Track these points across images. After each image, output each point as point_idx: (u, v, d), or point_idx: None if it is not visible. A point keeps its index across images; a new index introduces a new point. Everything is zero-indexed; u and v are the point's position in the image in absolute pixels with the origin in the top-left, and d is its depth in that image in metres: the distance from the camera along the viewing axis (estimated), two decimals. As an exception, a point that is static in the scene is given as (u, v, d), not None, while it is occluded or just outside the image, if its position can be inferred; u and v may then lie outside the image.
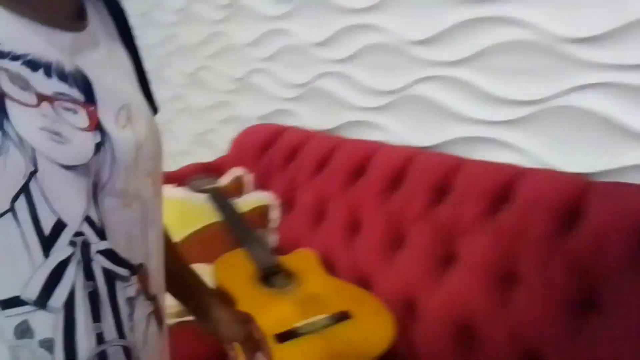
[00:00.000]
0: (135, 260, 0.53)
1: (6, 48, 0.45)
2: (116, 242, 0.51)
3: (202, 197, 1.52)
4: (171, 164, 1.89)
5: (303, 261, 1.31)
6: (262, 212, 1.50)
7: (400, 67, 1.34)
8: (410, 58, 1.31)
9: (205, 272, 1.24)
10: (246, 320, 0.79)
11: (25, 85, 0.45)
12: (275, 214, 1.51)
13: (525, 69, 1.08)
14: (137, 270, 0.53)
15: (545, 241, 0.94)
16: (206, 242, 1.40)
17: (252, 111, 1.91)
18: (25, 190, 0.44)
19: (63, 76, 0.48)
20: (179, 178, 1.63)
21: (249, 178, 1.64)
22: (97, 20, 0.58)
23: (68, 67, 0.49)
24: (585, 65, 0.99)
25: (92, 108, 0.50)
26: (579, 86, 1.01)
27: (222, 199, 1.51)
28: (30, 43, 0.47)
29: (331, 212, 1.36)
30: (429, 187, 1.16)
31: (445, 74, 1.24)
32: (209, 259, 1.31)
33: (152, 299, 0.56)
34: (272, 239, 1.50)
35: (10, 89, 0.44)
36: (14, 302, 0.45)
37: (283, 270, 1.26)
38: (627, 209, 0.87)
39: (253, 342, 0.77)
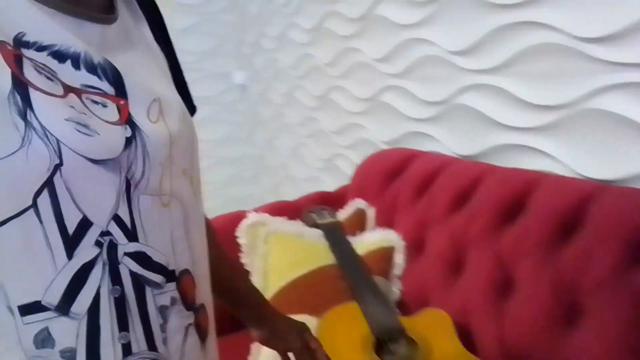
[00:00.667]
0: (177, 265, 0.50)
1: (32, 38, 0.43)
2: (153, 244, 0.48)
3: (317, 233, 1.31)
4: (295, 192, 1.75)
5: (432, 325, 1.01)
6: (384, 255, 1.23)
7: (574, 72, 1.00)
8: (583, 58, 0.97)
9: (309, 325, 1.01)
10: (302, 329, 0.76)
11: (51, 76, 0.43)
12: (400, 259, 1.23)
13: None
14: (178, 277, 0.50)
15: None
16: (315, 289, 1.17)
17: (381, 134, 1.68)
18: (49, 184, 0.41)
19: (92, 68, 0.46)
20: (294, 209, 1.45)
21: (371, 212, 1.38)
22: (128, 14, 0.56)
23: (97, 58, 0.47)
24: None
25: (122, 102, 0.48)
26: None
27: (338, 236, 1.28)
28: (57, 34, 0.45)
29: (473, 261, 1.05)
30: (619, 237, 0.81)
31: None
32: (315, 309, 1.08)
33: (195, 309, 0.52)
34: (395, 290, 1.22)
35: (35, 78, 0.42)
36: (34, 307, 0.42)
37: (405, 337, 0.98)
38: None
39: (309, 352, 0.74)
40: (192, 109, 0.65)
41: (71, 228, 0.43)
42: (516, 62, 1.11)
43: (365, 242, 1.26)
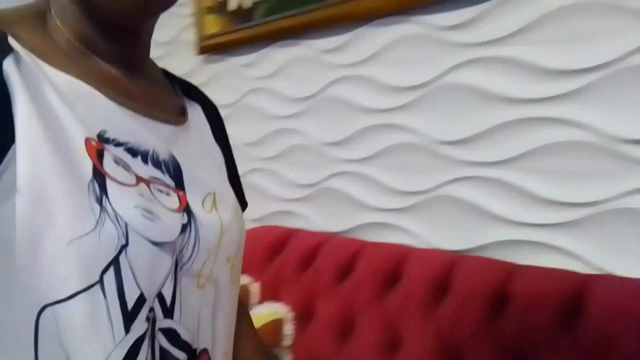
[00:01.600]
0: (198, 344, 0.53)
1: (112, 135, 0.50)
2: (183, 322, 0.51)
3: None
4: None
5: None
6: (275, 327, 1.31)
7: (428, 167, 1.28)
8: (439, 158, 1.27)
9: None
10: None
11: (127, 167, 0.49)
12: (289, 329, 1.32)
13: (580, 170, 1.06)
14: (198, 355, 0.53)
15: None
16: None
17: (249, 213, 1.78)
18: (115, 262, 0.45)
19: (157, 163, 0.53)
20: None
21: (255, 287, 1.46)
22: (196, 118, 0.64)
23: (163, 155, 0.54)
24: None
25: (181, 193, 0.54)
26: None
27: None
28: (132, 132, 0.52)
29: (362, 325, 1.21)
30: (482, 294, 1.05)
31: (479, 174, 1.20)
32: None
33: None
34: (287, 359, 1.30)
35: (112, 169, 0.48)
36: None
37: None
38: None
39: None
40: (243, 203, 0.71)
41: (130, 303, 0.46)
42: (379, 155, 1.38)
43: (257, 316, 1.32)
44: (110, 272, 0.45)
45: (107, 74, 0.54)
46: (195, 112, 0.66)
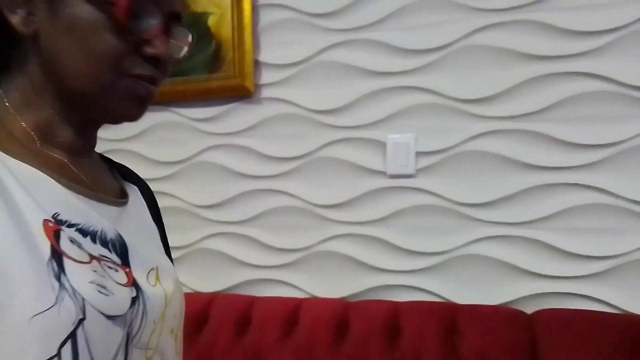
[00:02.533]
0: None
1: (64, 217, 0.54)
2: None
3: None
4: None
5: None
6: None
7: (310, 226, 1.49)
8: (317, 217, 1.49)
9: None
10: None
11: (80, 246, 0.53)
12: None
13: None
14: None
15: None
16: None
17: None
18: (72, 336, 0.48)
19: (105, 242, 0.57)
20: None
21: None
22: (134, 199, 0.70)
23: (110, 234, 0.59)
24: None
25: (127, 269, 0.58)
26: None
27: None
28: (82, 214, 0.56)
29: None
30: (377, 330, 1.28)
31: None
32: None
33: None
34: None
35: (68, 248, 0.51)
36: None
37: None
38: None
39: None
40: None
41: None
42: (259, 217, 1.53)
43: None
44: (68, 346, 0.48)
45: (58, 161, 0.58)
46: (134, 194, 0.69)
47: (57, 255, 0.49)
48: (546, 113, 1.30)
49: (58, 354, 0.47)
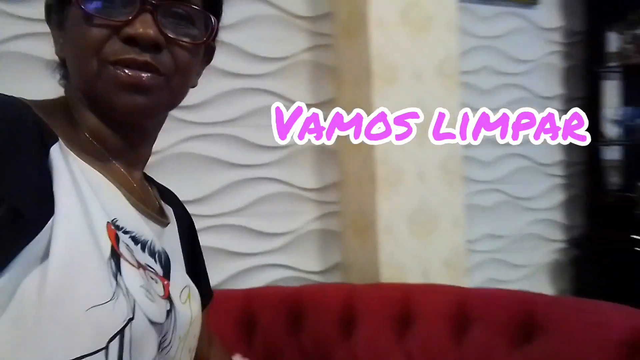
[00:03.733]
0: None
1: (121, 224, 0.57)
2: None
3: None
4: None
5: None
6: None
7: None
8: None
9: None
10: None
11: (132, 253, 0.56)
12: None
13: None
14: None
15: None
16: None
17: None
18: (121, 333, 0.50)
19: (153, 253, 0.61)
20: None
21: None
22: (170, 220, 0.71)
23: (157, 247, 0.62)
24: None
25: (166, 282, 0.61)
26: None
27: None
28: (135, 224, 0.60)
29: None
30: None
31: None
32: None
33: None
34: None
35: (125, 252, 0.55)
36: None
37: None
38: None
39: None
40: (209, 295, 0.79)
41: None
42: None
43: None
44: (116, 341, 0.50)
45: (119, 171, 0.61)
46: (169, 215, 0.71)
47: (116, 255, 0.52)
48: (240, 120, 1.59)
49: (106, 348, 0.49)
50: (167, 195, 0.75)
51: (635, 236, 2.01)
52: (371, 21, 1.47)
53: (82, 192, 0.53)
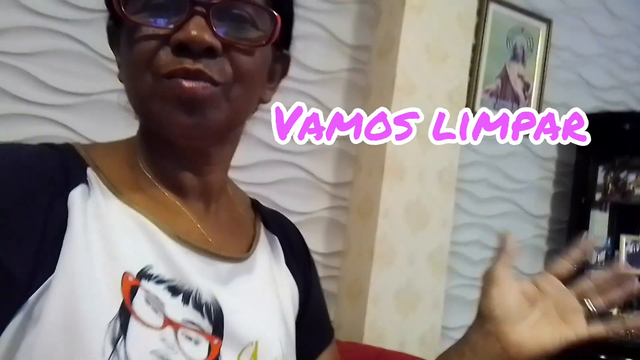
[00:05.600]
0: None
1: (156, 272, 0.48)
2: None
3: None
4: None
5: None
6: None
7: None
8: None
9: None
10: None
11: (158, 308, 0.47)
12: None
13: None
14: None
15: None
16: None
17: None
18: None
19: (199, 305, 0.50)
20: None
21: None
22: (264, 253, 0.61)
23: (206, 296, 0.51)
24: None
25: (216, 340, 0.51)
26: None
27: None
28: (179, 270, 0.50)
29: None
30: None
31: None
32: None
33: None
34: None
35: (141, 308, 0.46)
36: None
37: None
38: None
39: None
40: (331, 332, 0.70)
41: None
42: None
43: None
44: None
45: (172, 206, 0.54)
46: (264, 247, 0.62)
47: (125, 314, 0.45)
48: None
49: None
50: (275, 222, 0.67)
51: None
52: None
53: (98, 242, 0.47)
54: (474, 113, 2.25)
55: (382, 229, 1.78)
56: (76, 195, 0.48)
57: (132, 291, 0.46)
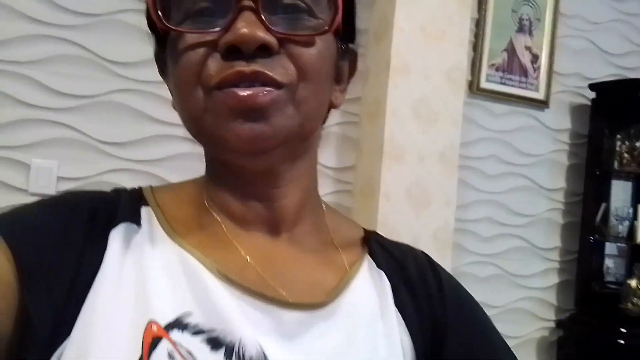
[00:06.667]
0: None
1: (194, 320, 0.41)
2: None
3: None
4: None
5: None
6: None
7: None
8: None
9: None
10: None
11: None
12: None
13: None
14: None
15: None
16: None
17: None
18: None
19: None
20: None
21: None
22: (359, 295, 0.49)
23: (251, 350, 0.42)
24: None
25: None
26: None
27: None
28: (224, 318, 0.42)
29: None
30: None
31: None
32: None
33: None
34: None
35: None
36: None
37: None
38: None
39: None
40: None
41: None
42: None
43: None
44: None
45: (228, 241, 0.46)
46: (366, 288, 0.50)
47: None
48: (162, 162, 1.77)
49: None
50: (388, 255, 0.53)
51: (622, 329, 2.18)
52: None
53: (131, 286, 0.42)
54: (479, 89, 2.24)
55: (384, 211, 1.81)
56: (117, 235, 0.44)
57: (153, 344, 0.40)
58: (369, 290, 0.50)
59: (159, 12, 0.43)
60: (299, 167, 0.48)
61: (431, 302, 0.51)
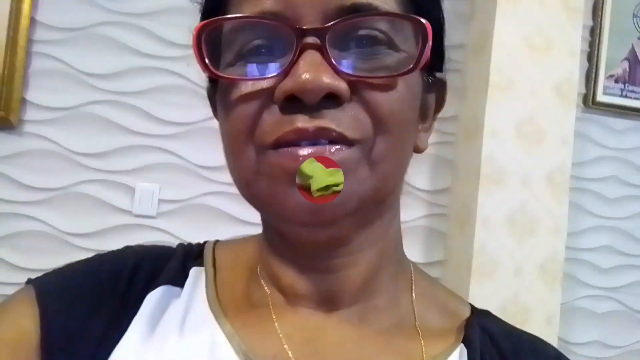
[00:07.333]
0: None
1: None
2: None
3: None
4: None
5: None
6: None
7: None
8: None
9: None
10: None
11: None
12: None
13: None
14: None
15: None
16: None
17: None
18: None
19: None
20: None
21: None
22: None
23: None
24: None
25: None
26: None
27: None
28: None
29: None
30: None
31: None
32: None
33: None
34: None
35: None
36: None
37: None
38: None
39: None
40: None
41: None
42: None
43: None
44: None
45: (267, 320, 0.40)
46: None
47: None
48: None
49: None
50: (494, 353, 0.42)
51: None
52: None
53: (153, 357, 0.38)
54: (595, 103, 2.02)
55: (480, 239, 1.68)
56: (153, 298, 0.40)
57: None
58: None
59: (205, 57, 0.36)
60: (374, 231, 0.39)
61: None
